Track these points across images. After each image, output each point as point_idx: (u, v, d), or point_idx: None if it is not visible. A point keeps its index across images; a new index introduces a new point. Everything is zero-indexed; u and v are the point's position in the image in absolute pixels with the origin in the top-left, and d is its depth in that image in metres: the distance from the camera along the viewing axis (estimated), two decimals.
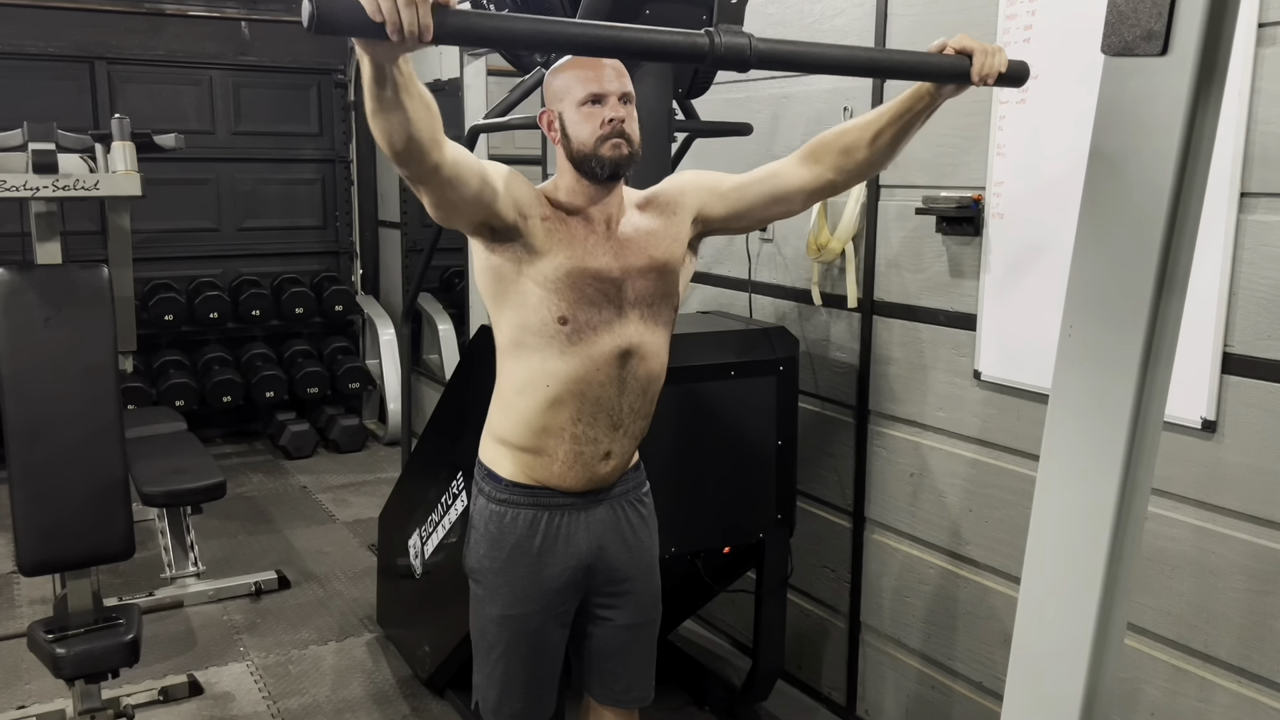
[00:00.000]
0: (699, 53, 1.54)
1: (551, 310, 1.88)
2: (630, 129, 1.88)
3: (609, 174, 1.89)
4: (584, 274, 1.89)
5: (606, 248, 1.93)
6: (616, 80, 1.88)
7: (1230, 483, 2.07)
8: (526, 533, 2.01)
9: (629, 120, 1.88)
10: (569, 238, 1.90)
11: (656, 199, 2.03)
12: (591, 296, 1.90)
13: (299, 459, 5.91)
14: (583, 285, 1.89)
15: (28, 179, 2.92)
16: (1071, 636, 1.41)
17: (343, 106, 6.44)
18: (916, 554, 2.84)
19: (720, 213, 2.05)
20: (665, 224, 2.01)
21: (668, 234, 2.00)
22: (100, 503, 2.86)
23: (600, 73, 1.87)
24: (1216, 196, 1.93)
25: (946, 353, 2.68)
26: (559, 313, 1.88)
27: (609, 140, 1.86)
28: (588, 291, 1.89)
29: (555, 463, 1.98)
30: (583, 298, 1.89)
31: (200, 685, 3.39)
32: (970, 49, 1.74)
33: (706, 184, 2.06)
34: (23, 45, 5.57)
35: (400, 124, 1.56)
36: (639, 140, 1.90)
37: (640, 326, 1.96)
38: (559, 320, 1.89)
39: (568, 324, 1.89)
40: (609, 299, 1.92)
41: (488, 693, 2.11)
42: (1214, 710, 2.13)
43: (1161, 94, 1.27)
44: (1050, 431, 1.45)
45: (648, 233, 1.98)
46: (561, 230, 1.90)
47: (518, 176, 1.88)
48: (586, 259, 1.90)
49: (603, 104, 1.86)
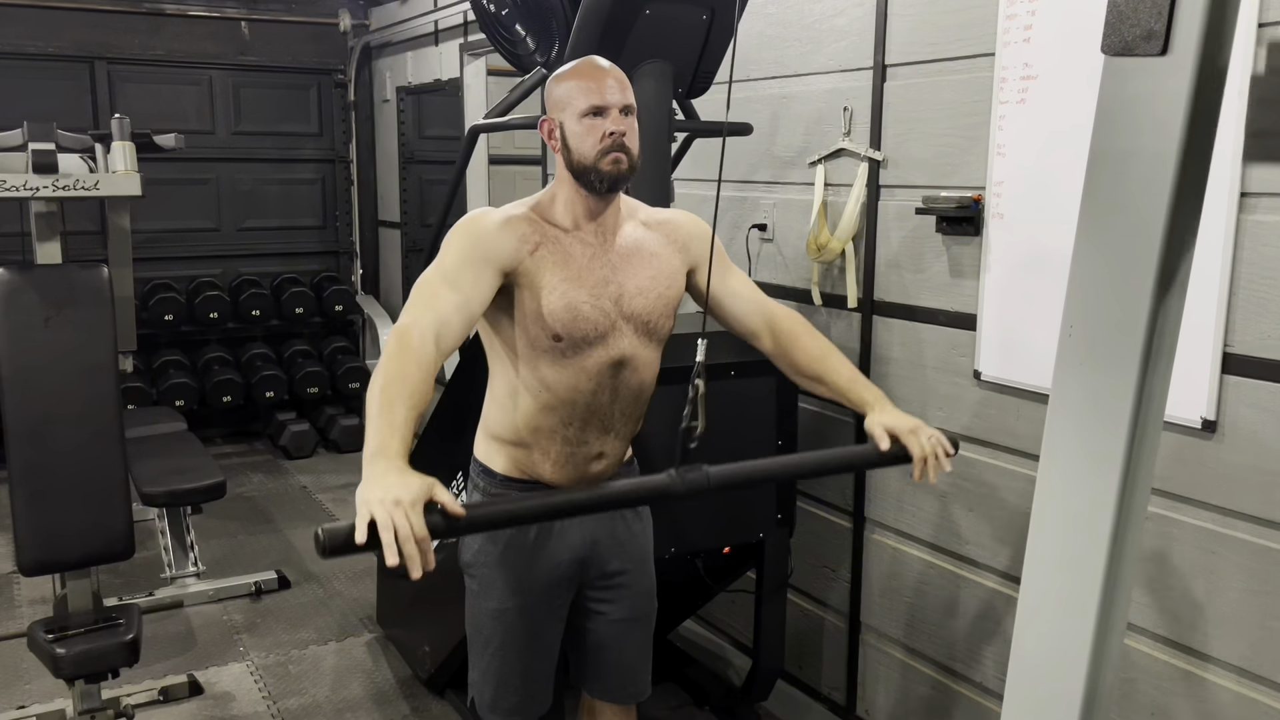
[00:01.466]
0: (669, 492, 1.71)
1: (545, 329, 1.89)
2: (630, 142, 1.88)
3: (608, 187, 1.89)
4: (580, 290, 1.90)
5: (604, 260, 1.94)
6: (619, 92, 1.88)
7: (1230, 483, 2.07)
8: (521, 526, 2.02)
9: (629, 134, 1.88)
10: (564, 257, 1.91)
11: (669, 226, 2.04)
12: (586, 313, 1.90)
13: (299, 459, 5.91)
14: (578, 301, 1.90)
15: (28, 179, 2.92)
16: (1071, 636, 1.41)
17: (343, 106, 6.44)
18: (917, 554, 2.84)
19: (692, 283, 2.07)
20: (670, 251, 2.01)
21: (670, 260, 2.01)
22: (100, 503, 2.86)
23: (602, 84, 1.87)
24: (1216, 196, 1.93)
25: (946, 353, 2.68)
26: (553, 330, 1.89)
27: (609, 154, 1.86)
28: (583, 308, 1.90)
29: (548, 461, 1.99)
30: (577, 316, 1.90)
31: (200, 685, 3.39)
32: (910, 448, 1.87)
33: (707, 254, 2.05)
34: (23, 45, 5.57)
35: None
36: (638, 154, 1.91)
37: (634, 339, 1.97)
38: (553, 337, 1.90)
39: (562, 341, 1.90)
40: (603, 313, 1.92)
41: (483, 688, 2.11)
42: (1214, 710, 2.13)
43: (1161, 94, 1.27)
44: (1050, 431, 1.45)
45: (650, 253, 1.99)
46: (555, 253, 1.90)
47: (487, 238, 1.87)
48: (582, 275, 1.91)
49: (604, 116, 1.86)
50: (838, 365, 2.03)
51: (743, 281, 2.11)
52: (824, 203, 2.93)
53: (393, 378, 1.63)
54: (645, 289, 1.96)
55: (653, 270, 1.98)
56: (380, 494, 1.45)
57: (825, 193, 2.94)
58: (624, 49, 2.48)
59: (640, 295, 1.96)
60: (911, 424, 1.90)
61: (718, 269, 2.03)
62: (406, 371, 1.64)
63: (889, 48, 2.74)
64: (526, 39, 2.76)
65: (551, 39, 2.69)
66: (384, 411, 1.58)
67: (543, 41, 2.73)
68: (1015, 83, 2.40)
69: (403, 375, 1.63)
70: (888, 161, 2.78)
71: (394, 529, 1.43)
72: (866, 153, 2.80)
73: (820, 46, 2.96)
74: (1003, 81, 2.42)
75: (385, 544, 1.42)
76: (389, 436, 1.55)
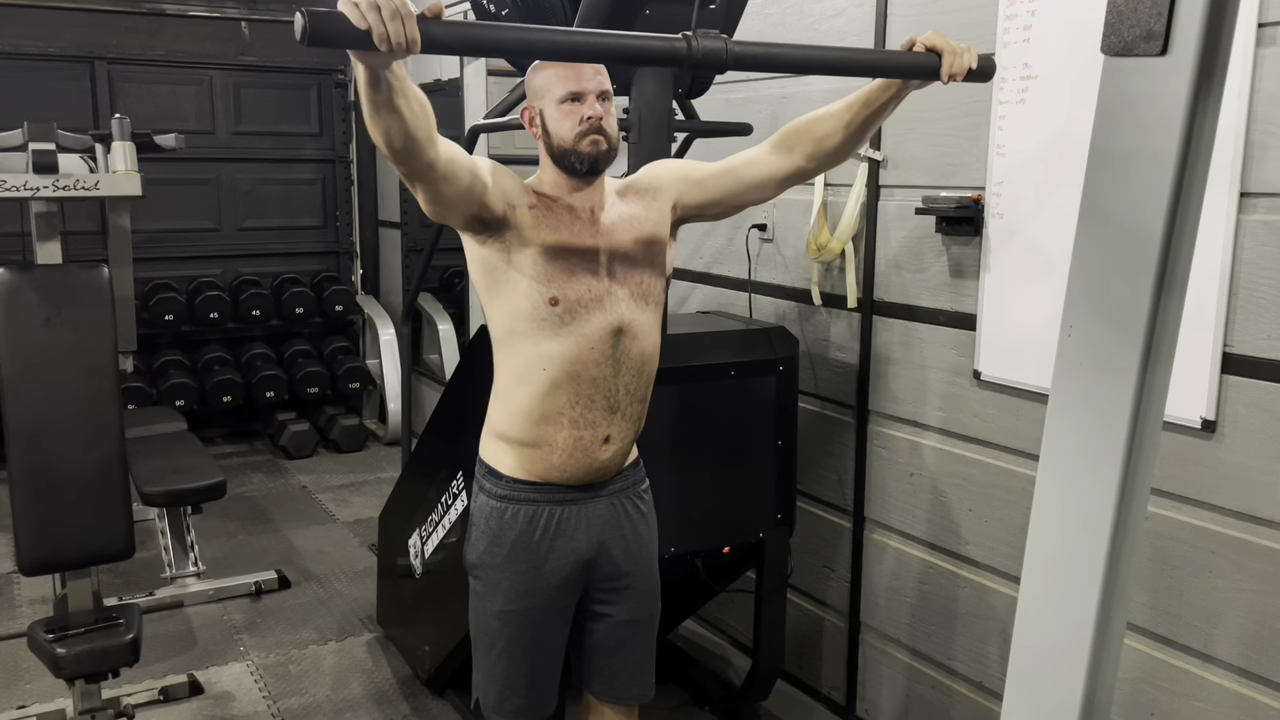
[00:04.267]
0: (677, 57, 1.61)
1: (542, 293, 1.92)
2: (608, 125, 1.93)
3: (588, 169, 1.94)
4: (572, 253, 1.94)
5: (592, 231, 1.98)
6: (594, 78, 1.93)
7: (1230, 483, 2.07)
8: (527, 528, 2.02)
9: (607, 117, 1.93)
10: (555, 223, 1.95)
11: (634, 185, 2.08)
12: (580, 275, 1.94)
13: (299, 459, 5.90)
14: (571, 264, 1.93)
15: (28, 179, 2.92)
16: (1071, 636, 1.41)
17: (343, 106, 6.44)
18: (916, 554, 2.84)
19: (696, 200, 2.10)
20: (646, 207, 2.05)
21: (649, 216, 2.05)
22: (100, 503, 2.86)
23: (579, 71, 1.92)
24: (1216, 196, 1.93)
25: (946, 353, 2.68)
26: (549, 294, 1.92)
27: (587, 136, 1.91)
28: (576, 270, 1.94)
29: (555, 453, 2.00)
30: (572, 277, 1.93)
31: (200, 685, 3.39)
32: (939, 48, 1.83)
33: (682, 172, 2.11)
34: (23, 45, 5.57)
35: (397, 125, 1.63)
36: (617, 137, 1.96)
37: (630, 305, 1.99)
38: (550, 301, 1.92)
39: (558, 304, 1.92)
40: (597, 277, 1.96)
41: (488, 690, 2.11)
42: (1214, 710, 2.13)
43: (1161, 94, 1.27)
44: (1050, 431, 1.45)
45: (630, 217, 2.03)
46: (548, 216, 1.95)
47: (504, 170, 1.94)
48: (573, 240, 1.95)
49: (581, 101, 1.92)
50: (851, 100, 1.98)
51: (731, 160, 2.10)
52: (824, 203, 2.94)
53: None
54: (635, 252, 2.00)
55: (635, 231, 2.02)
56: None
57: (825, 193, 2.95)
58: None
59: (630, 258, 2.00)
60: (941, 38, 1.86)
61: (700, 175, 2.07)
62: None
63: (889, 48, 2.74)
64: None
65: None
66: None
67: None
68: (1015, 83, 2.40)
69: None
70: (888, 161, 2.78)
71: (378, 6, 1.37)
72: (866, 153, 2.80)
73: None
74: (1003, 81, 2.42)
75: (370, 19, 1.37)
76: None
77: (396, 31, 1.38)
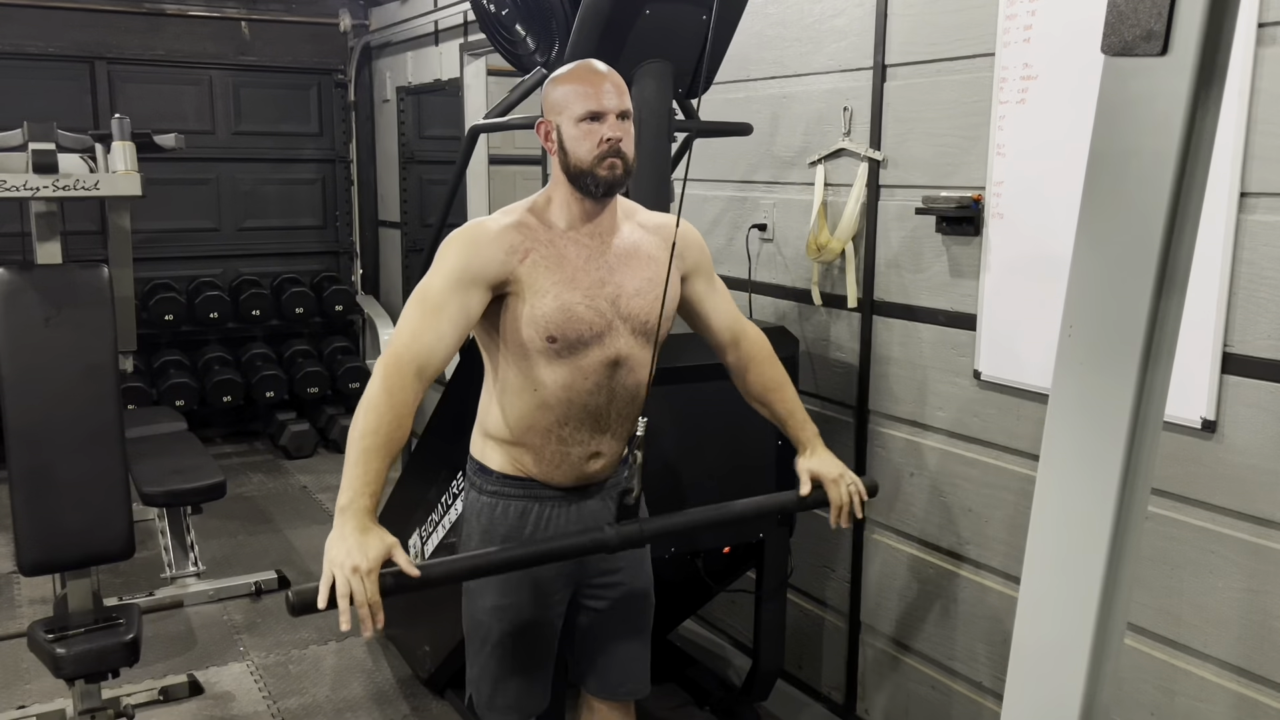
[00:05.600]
0: (605, 545, 1.89)
1: (539, 332, 1.90)
2: (626, 147, 1.88)
3: (604, 192, 1.90)
4: (573, 295, 1.90)
5: (600, 263, 1.94)
6: (616, 97, 1.88)
7: (1230, 483, 2.07)
8: (517, 524, 2.02)
9: (626, 139, 1.88)
10: (558, 260, 1.91)
11: (667, 230, 2.02)
12: (581, 314, 1.90)
13: (299, 459, 5.91)
14: (572, 306, 1.90)
15: (28, 179, 2.92)
16: (1071, 636, 1.40)
17: (343, 107, 6.44)
18: (916, 554, 2.84)
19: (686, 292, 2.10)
20: (666, 258, 1.98)
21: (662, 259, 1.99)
22: (100, 502, 2.86)
23: (600, 89, 1.87)
24: (1216, 196, 1.93)
25: (946, 353, 2.68)
26: (547, 334, 1.90)
27: (606, 160, 1.87)
28: (577, 310, 1.90)
29: (543, 460, 2.00)
30: (571, 317, 1.90)
31: (200, 685, 3.39)
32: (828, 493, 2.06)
33: (705, 262, 2.12)
34: (23, 45, 5.57)
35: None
36: (634, 159, 1.92)
37: (631, 340, 1.97)
38: (547, 339, 1.90)
39: (556, 342, 1.90)
40: (600, 313, 1.92)
41: (481, 686, 2.11)
42: (1214, 710, 2.13)
43: (1161, 94, 1.27)
44: (1050, 431, 1.45)
45: (648, 255, 1.99)
46: (548, 256, 1.91)
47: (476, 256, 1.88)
48: (577, 277, 1.91)
49: (601, 121, 1.87)
50: (786, 399, 2.16)
51: (723, 296, 2.16)
52: (824, 203, 2.94)
53: (371, 428, 1.74)
54: (643, 290, 1.96)
55: (650, 272, 1.98)
56: (342, 557, 1.64)
57: (825, 193, 2.94)
58: (624, 49, 2.49)
59: (638, 296, 1.96)
60: (835, 471, 2.07)
61: (705, 279, 2.11)
62: (383, 421, 1.75)
63: (889, 48, 2.74)
64: (526, 39, 2.76)
65: (551, 39, 2.70)
66: (360, 461, 1.72)
67: (543, 41, 2.73)
68: (1015, 83, 2.40)
69: (379, 427, 1.75)
70: (888, 161, 2.78)
71: (350, 595, 1.63)
72: (866, 153, 2.80)
73: (820, 46, 2.96)
74: (1003, 81, 2.42)
75: (341, 610, 1.63)
76: (360, 490, 1.70)
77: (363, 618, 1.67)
